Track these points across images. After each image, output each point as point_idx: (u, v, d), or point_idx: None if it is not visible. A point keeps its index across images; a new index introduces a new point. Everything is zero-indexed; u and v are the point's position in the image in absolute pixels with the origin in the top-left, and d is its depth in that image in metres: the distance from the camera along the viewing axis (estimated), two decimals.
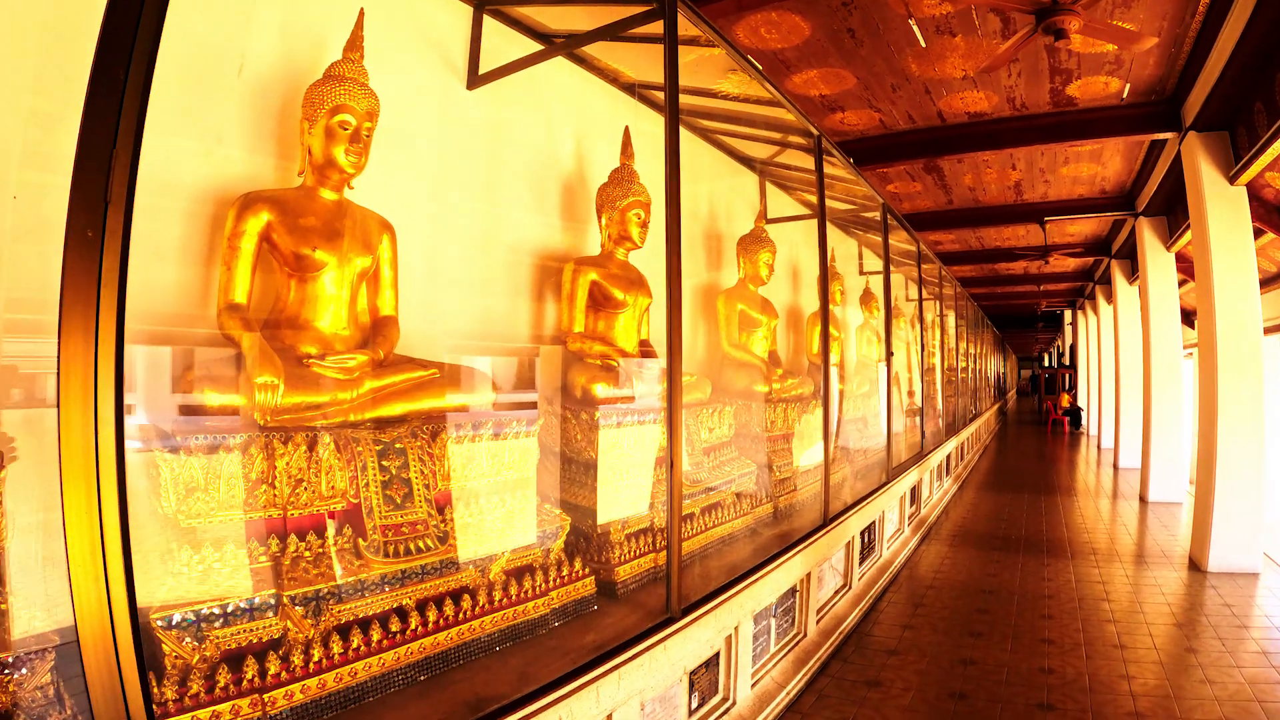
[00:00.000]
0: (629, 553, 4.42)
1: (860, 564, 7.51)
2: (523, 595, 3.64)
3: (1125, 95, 8.52)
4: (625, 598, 4.28)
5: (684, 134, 7.16)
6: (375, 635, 3.04)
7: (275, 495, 3.07)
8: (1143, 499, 13.28)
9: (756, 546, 5.53)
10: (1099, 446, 21.93)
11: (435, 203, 4.57)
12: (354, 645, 2.97)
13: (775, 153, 8.23)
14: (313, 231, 3.50)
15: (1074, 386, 32.41)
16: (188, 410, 3.03)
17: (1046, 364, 52.89)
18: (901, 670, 5.78)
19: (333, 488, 3.22)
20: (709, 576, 4.65)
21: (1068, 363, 35.91)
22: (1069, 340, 36.41)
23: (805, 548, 5.57)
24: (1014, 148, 9.60)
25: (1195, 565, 8.65)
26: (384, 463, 3.34)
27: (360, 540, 3.21)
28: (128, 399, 1.96)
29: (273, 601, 2.92)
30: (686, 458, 5.44)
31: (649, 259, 5.16)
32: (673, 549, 3.79)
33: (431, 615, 3.26)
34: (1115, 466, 17.44)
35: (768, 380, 6.91)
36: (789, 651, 5.58)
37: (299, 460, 3.13)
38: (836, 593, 6.84)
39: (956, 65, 7.71)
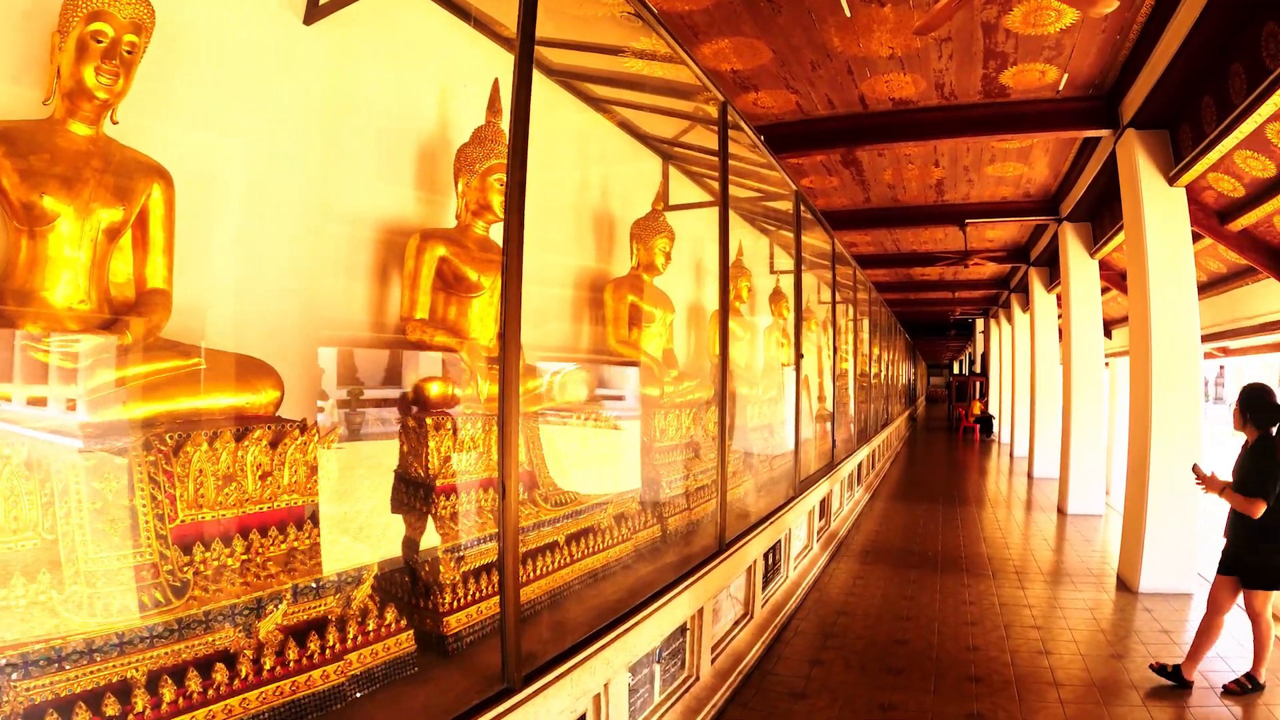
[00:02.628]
0: (466, 597, 3.55)
1: (764, 588, 6.82)
2: (307, 661, 2.77)
3: (1061, 87, 8.09)
4: (459, 655, 3.43)
5: (577, 105, 6.38)
6: None
7: None
8: (1061, 511, 13.11)
9: (637, 581, 4.76)
10: (1011, 454, 22.03)
11: (256, 160, 3.60)
12: None
13: (682, 131, 7.42)
14: (46, 173, 2.66)
15: (985, 394, 32.65)
16: None
17: (958, 371, 53.77)
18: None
19: (16, 519, 2.28)
20: (569, 626, 3.81)
21: (979, 370, 36.25)
22: (980, 348, 36.78)
23: (696, 581, 4.81)
24: (940, 139, 9.09)
25: (1125, 585, 8.31)
26: (96, 484, 2.41)
27: (55, 592, 2.29)
28: None
29: None
30: (548, 474, 4.57)
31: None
32: (508, 600, 2.93)
33: (167, 694, 2.41)
34: (1030, 476, 17.40)
35: (660, 382, 6.07)
36: (677, 700, 4.83)
37: None
38: (736, 624, 6.11)
39: (883, 41, 7.09)
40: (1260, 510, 5.15)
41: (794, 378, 9.38)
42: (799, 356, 9.37)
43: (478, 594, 3.59)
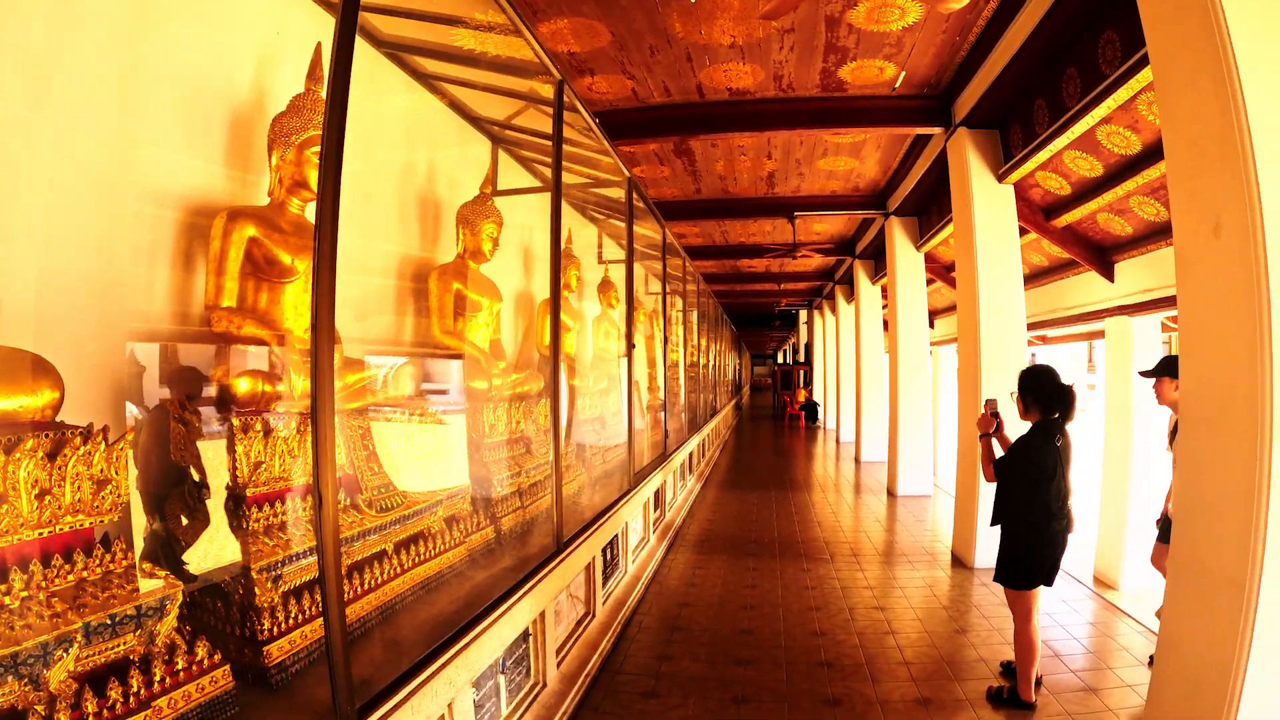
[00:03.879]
0: (287, 621, 3.20)
1: (604, 585, 6.67)
2: (109, 713, 2.39)
3: (898, 85, 8.46)
4: (285, 688, 3.09)
5: (405, 81, 5.99)
6: None
7: None
8: (891, 493, 13.68)
9: (474, 588, 4.53)
10: (838, 440, 23.06)
11: (39, 128, 3.08)
12: None
13: (514, 113, 7.13)
14: None
15: (810, 382, 33.63)
16: None
17: (782, 360, 55.32)
18: (665, 718, 5.03)
19: None
20: (405, 645, 3.51)
21: (803, 359, 37.31)
22: (804, 338, 37.84)
23: (536, 584, 4.63)
24: (776, 130, 9.24)
25: (960, 562, 8.76)
26: None
27: None
28: None
29: None
30: (371, 477, 4.24)
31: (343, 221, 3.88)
32: (333, 622, 2.65)
33: None
34: (857, 460, 18.20)
35: (487, 374, 5.79)
36: (526, 710, 4.66)
37: None
38: (579, 624, 5.97)
39: (726, 29, 7.12)
40: (987, 475, 5.20)
41: (626, 368, 9.25)
42: (631, 347, 9.25)
43: (300, 616, 3.25)
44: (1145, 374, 5.84)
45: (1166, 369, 5.56)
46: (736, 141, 10.52)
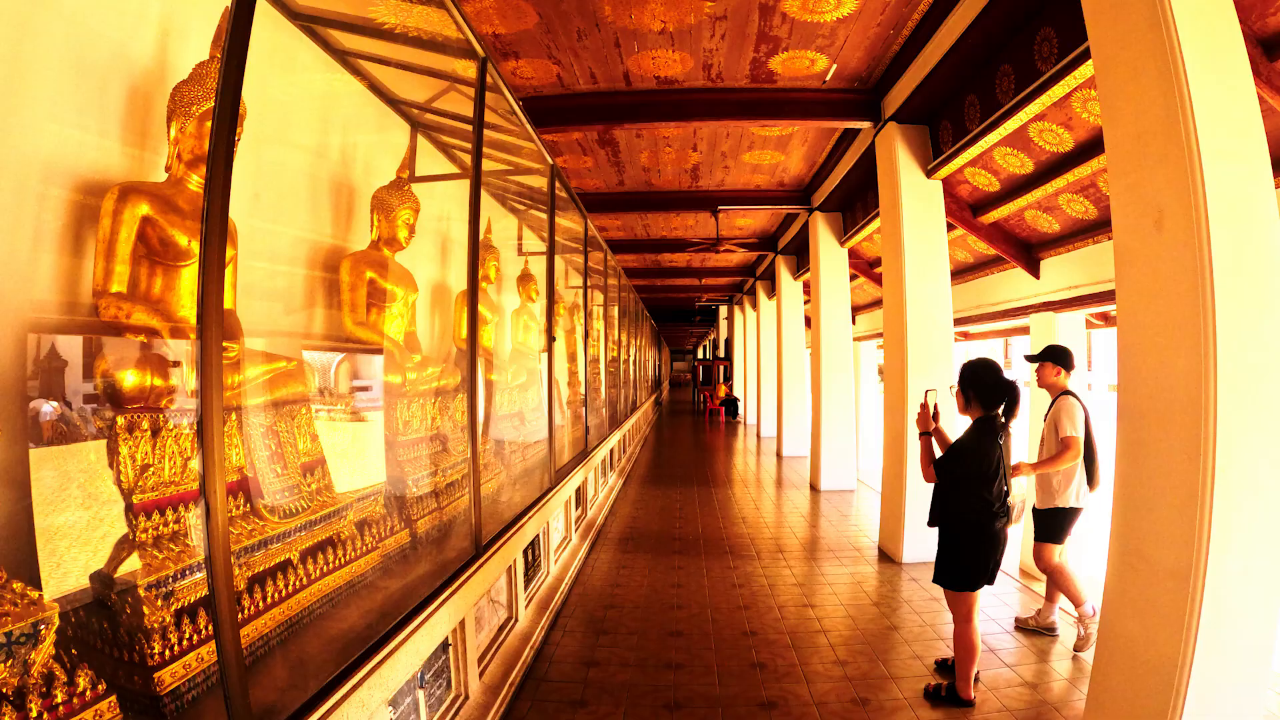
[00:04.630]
0: (181, 642, 2.90)
1: (526, 587, 6.47)
2: None
3: (829, 78, 8.47)
4: (179, 718, 2.74)
5: (320, 56, 5.64)
6: None
7: None
8: (814, 488, 13.76)
9: (388, 597, 4.26)
10: (759, 435, 23.34)
11: None
12: None
13: (433, 95, 6.82)
14: None
15: (730, 378, 33.86)
16: None
17: (702, 356, 55.66)
18: None
19: None
20: (313, 664, 3.25)
21: (723, 355, 37.53)
22: (724, 333, 38.03)
23: (455, 591, 4.43)
24: (704, 120, 9.13)
25: (888, 557, 8.80)
26: None
27: None
28: None
29: None
30: (275, 480, 3.94)
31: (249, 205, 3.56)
32: (226, 644, 2.40)
33: None
34: (779, 455, 18.35)
35: (402, 369, 5.53)
36: None
37: None
38: (501, 630, 5.77)
39: (656, 14, 6.98)
40: (926, 476, 5.07)
41: (546, 362, 9.04)
42: (551, 340, 9.05)
43: (196, 637, 2.94)
44: (1030, 358, 6.34)
45: (1048, 355, 6.14)
46: (662, 132, 10.39)
